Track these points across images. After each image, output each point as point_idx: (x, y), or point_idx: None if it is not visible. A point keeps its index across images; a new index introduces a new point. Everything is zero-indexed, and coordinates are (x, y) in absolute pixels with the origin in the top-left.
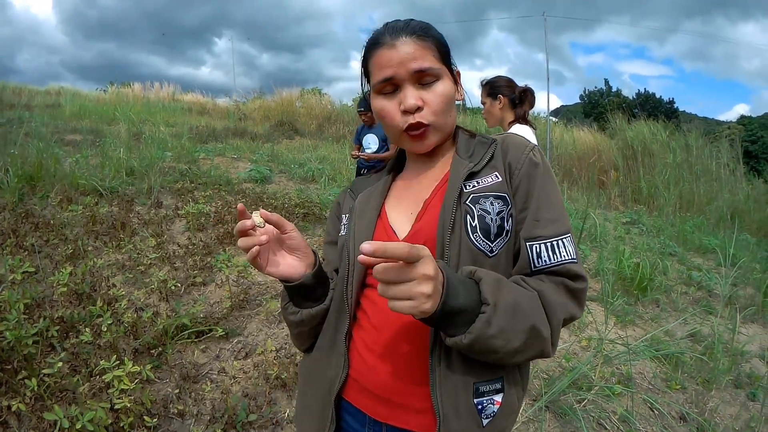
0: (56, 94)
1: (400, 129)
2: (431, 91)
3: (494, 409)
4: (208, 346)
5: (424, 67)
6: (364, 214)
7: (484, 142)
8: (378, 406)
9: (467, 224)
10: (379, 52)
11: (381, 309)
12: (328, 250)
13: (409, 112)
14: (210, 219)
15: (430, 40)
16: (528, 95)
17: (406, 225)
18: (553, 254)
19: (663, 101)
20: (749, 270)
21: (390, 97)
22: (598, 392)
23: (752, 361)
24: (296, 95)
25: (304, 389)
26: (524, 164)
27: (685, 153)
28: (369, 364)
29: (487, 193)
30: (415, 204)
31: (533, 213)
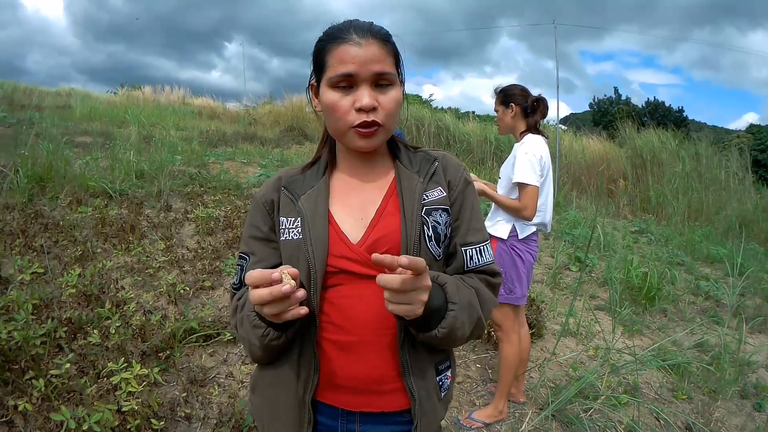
0: (67, 95)
1: (350, 125)
2: (386, 94)
3: (448, 383)
4: (216, 350)
5: (384, 70)
6: (315, 220)
7: (427, 159)
8: (351, 398)
9: (425, 234)
10: (343, 47)
11: (343, 309)
12: (258, 247)
13: (363, 111)
14: (219, 223)
15: (390, 46)
16: (541, 105)
17: (357, 230)
18: (481, 257)
19: (672, 110)
20: (757, 280)
21: (345, 92)
22: (605, 402)
23: (759, 372)
24: (306, 101)
25: (273, 398)
26: (460, 182)
27: (694, 162)
28: (340, 361)
29: (437, 206)
30: (362, 209)
31: (466, 223)
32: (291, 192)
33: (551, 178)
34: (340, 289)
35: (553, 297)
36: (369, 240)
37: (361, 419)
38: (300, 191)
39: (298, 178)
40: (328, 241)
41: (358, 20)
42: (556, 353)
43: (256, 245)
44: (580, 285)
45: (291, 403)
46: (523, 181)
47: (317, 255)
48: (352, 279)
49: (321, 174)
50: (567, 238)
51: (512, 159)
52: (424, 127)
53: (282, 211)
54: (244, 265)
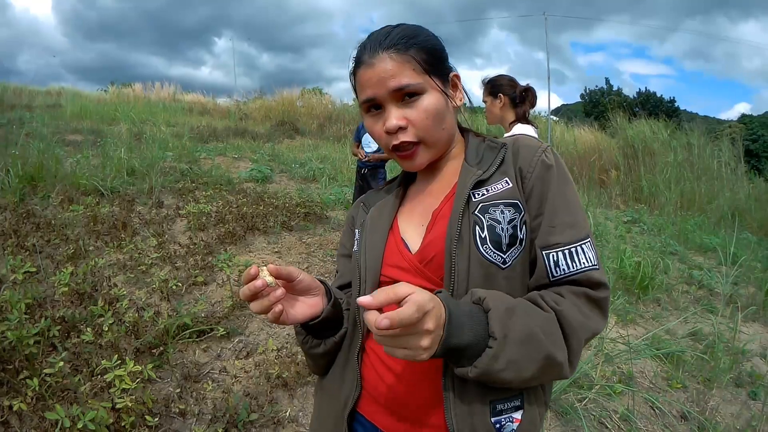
0: (57, 94)
1: (389, 147)
2: (415, 107)
3: (513, 427)
4: (210, 346)
5: (402, 84)
6: (375, 228)
7: (493, 147)
8: (391, 421)
9: (476, 235)
10: (360, 71)
11: None
12: (343, 263)
13: (391, 133)
14: (211, 218)
15: (411, 52)
16: (529, 94)
17: (417, 238)
18: (572, 262)
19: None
20: (750, 269)
21: (377, 116)
22: (599, 391)
23: (753, 360)
24: (297, 95)
25: (320, 407)
26: (536, 167)
27: (686, 152)
28: (383, 378)
29: (497, 201)
30: (424, 215)
31: (548, 218)
32: (366, 205)
33: None
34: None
35: None
36: (422, 247)
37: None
38: (373, 203)
39: (378, 194)
40: (384, 251)
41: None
42: None
43: (341, 261)
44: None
45: (332, 415)
46: None
47: (368, 265)
48: None
49: (396, 186)
50: None
51: None
52: None
53: (356, 223)
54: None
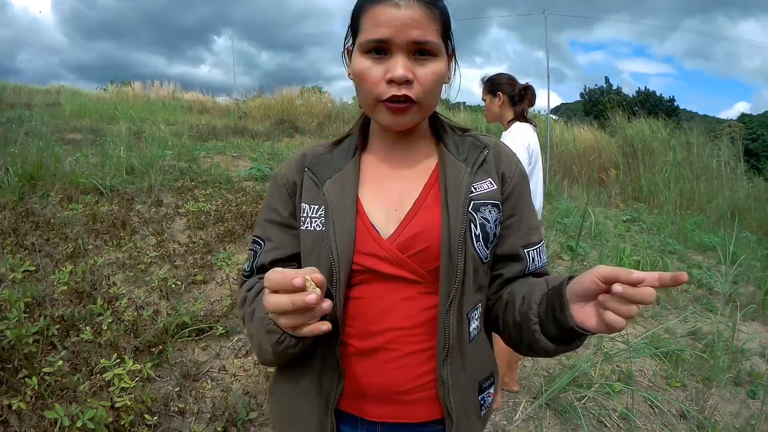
0: (56, 93)
1: (379, 98)
2: (425, 66)
3: (489, 401)
4: (209, 344)
5: (426, 39)
6: (342, 210)
7: (477, 146)
8: (374, 407)
9: (472, 233)
10: (379, 7)
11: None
12: (275, 232)
13: (395, 83)
14: (210, 217)
15: (438, 11)
16: (528, 93)
17: (390, 224)
18: (539, 258)
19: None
20: (749, 268)
21: (378, 60)
22: (599, 390)
23: (752, 359)
24: (296, 93)
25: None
26: (516, 174)
27: (685, 151)
28: (362, 369)
29: (486, 201)
30: (397, 199)
31: (527, 222)
32: (315, 174)
33: (540, 166)
34: (362, 288)
35: None
36: (403, 236)
37: (383, 429)
38: (326, 174)
39: (324, 158)
40: (355, 239)
41: None
42: None
43: (273, 230)
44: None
45: (313, 413)
46: None
47: (341, 252)
48: (377, 278)
49: (351, 154)
50: (559, 227)
51: None
52: None
53: (305, 195)
54: (258, 251)
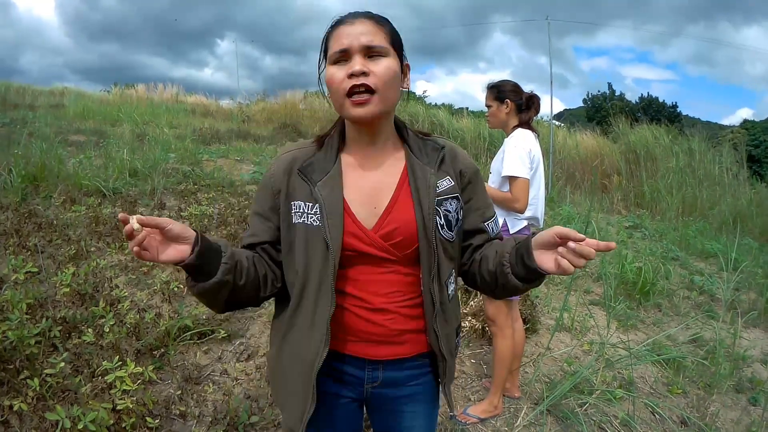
0: (60, 94)
1: (344, 93)
2: (378, 63)
3: (459, 343)
4: (211, 348)
5: (373, 43)
6: (333, 210)
7: (435, 148)
8: (376, 349)
9: (438, 223)
10: (339, 28)
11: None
12: (255, 222)
13: (354, 75)
14: (213, 221)
15: (384, 26)
16: (534, 101)
17: (371, 218)
18: (496, 227)
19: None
20: (751, 275)
21: (341, 65)
22: (600, 396)
23: (754, 366)
24: (300, 97)
25: (285, 374)
26: (470, 168)
27: (688, 157)
28: (365, 319)
29: (447, 196)
30: (375, 197)
31: (482, 202)
32: (307, 176)
33: (541, 172)
34: (359, 268)
35: (548, 292)
36: (384, 229)
37: (385, 366)
38: (316, 177)
39: (311, 161)
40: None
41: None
42: (550, 348)
43: (254, 220)
44: (574, 280)
45: (300, 378)
46: (513, 173)
47: (334, 241)
48: (370, 260)
49: (333, 156)
50: None
51: (501, 153)
52: (417, 123)
53: (298, 194)
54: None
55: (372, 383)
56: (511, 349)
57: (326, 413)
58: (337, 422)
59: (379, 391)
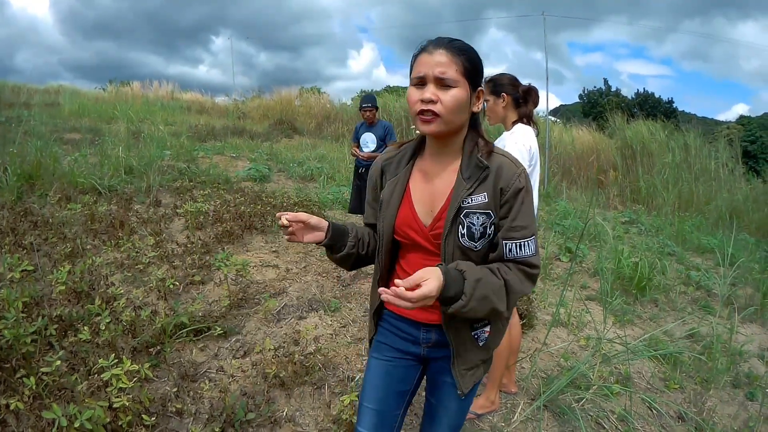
0: (55, 92)
1: (416, 112)
2: (447, 93)
3: (486, 336)
4: (207, 345)
5: (445, 75)
6: (388, 206)
7: (480, 167)
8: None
9: (458, 232)
10: (421, 55)
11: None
12: (368, 209)
13: (424, 101)
14: (209, 218)
15: (461, 58)
16: (532, 94)
17: (427, 217)
18: (520, 250)
19: (662, 101)
20: (748, 270)
21: (418, 88)
22: (597, 392)
23: (751, 361)
24: (295, 94)
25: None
26: (512, 188)
27: (683, 153)
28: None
29: (476, 210)
30: (433, 204)
31: (510, 221)
32: (384, 174)
33: (538, 169)
34: (416, 255)
35: (544, 287)
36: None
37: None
38: (389, 176)
39: (391, 162)
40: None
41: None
42: (547, 343)
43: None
44: (570, 275)
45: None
46: None
47: (386, 229)
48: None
49: (406, 161)
50: (557, 228)
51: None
52: None
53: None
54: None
55: (426, 343)
56: (507, 344)
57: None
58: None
59: (435, 351)
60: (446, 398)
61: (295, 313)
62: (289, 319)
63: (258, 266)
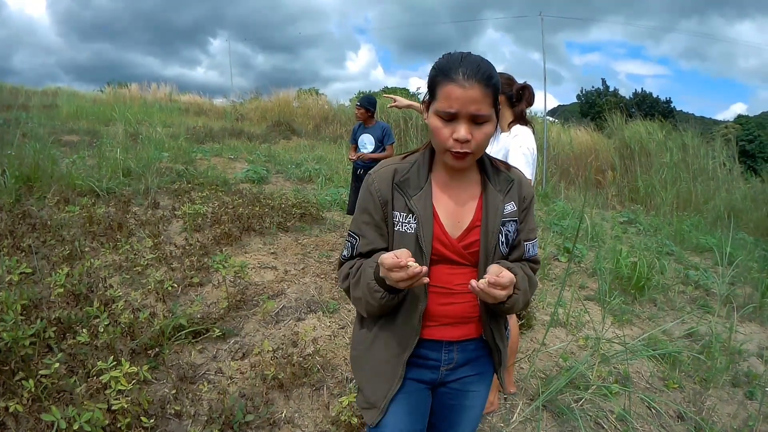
0: (53, 94)
1: (447, 149)
2: (480, 130)
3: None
4: (205, 347)
5: (480, 112)
6: (426, 221)
7: (507, 180)
8: (451, 331)
9: (500, 241)
10: (451, 86)
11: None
12: (369, 231)
13: (459, 141)
14: (207, 219)
15: (491, 88)
16: (526, 92)
17: (455, 230)
18: (533, 249)
19: (660, 101)
20: (746, 269)
21: (447, 123)
22: (596, 392)
23: (750, 360)
24: (293, 95)
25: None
26: (529, 197)
27: (681, 152)
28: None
29: (509, 219)
30: (460, 216)
31: (528, 225)
32: (403, 191)
33: (536, 170)
34: (442, 267)
35: (543, 287)
36: (465, 241)
37: (458, 348)
38: (411, 191)
39: (407, 178)
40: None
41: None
42: (545, 344)
43: (367, 230)
44: (569, 275)
45: (390, 363)
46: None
47: (426, 245)
48: (451, 262)
49: (425, 175)
50: (555, 228)
51: (503, 151)
52: (411, 119)
53: (396, 206)
54: (355, 243)
55: (448, 365)
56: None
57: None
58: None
59: (453, 373)
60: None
61: (294, 314)
62: (288, 321)
63: (256, 268)
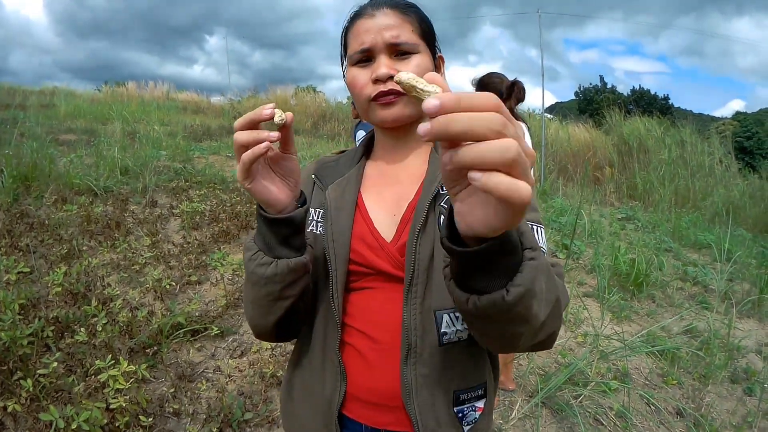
0: (50, 94)
1: (369, 98)
2: (406, 63)
3: (476, 416)
4: (204, 345)
5: (400, 39)
6: (340, 209)
7: None
8: (375, 414)
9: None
10: (358, 21)
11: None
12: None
13: (380, 80)
14: (205, 218)
15: (411, 15)
16: (515, 88)
17: (390, 228)
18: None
19: (658, 97)
20: (745, 265)
21: (364, 67)
22: (595, 388)
23: (748, 356)
24: (290, 93)
25: (301, 413)
26: None
27: (680, 149)
28: (364, 373)
29: None
30: (396, 204)
31: None
32: (321, 180)
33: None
34: (367, 292)
35: None
36: (402, 240)
37: None
38: (330, 180)
39: (330, 165)
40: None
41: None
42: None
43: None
44: (567, 272)
45: (318, 419)
46: None
47: (338, 251)
48: (381, 280)
49: (355, 161)
50: (554, 225)
51: None
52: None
53: (313, 201)
54: None
55: None
56: None
57: None
58: None
59: None
60: None
61: None
62: None
63: None
